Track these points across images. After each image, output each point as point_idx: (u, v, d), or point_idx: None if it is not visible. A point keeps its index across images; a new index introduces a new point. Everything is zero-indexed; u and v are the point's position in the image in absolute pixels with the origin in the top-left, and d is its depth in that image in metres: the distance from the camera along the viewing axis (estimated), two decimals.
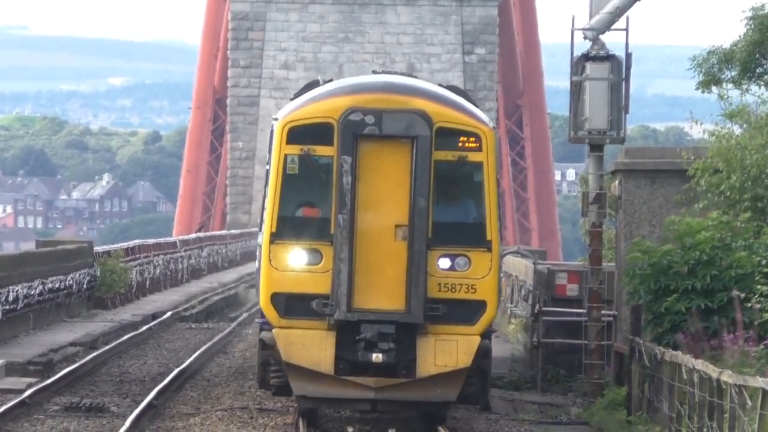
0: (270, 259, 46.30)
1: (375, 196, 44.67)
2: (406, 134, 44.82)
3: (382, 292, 44.16)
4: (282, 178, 45.06)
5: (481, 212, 45.25)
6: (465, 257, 44.86)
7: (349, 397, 45.66)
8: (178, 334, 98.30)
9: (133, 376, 74.14)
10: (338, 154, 44.82)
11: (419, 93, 47.50)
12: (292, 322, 45.72)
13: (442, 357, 44.45)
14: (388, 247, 44.59)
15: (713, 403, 52.06)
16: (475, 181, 45.38)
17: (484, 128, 46.02)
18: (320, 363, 44.95)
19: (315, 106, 46.53)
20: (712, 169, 64.33)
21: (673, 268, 60.54)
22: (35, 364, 75.26)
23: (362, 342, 44.28)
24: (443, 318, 44.65)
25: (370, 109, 44.97)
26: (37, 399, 63.71)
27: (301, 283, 45.64)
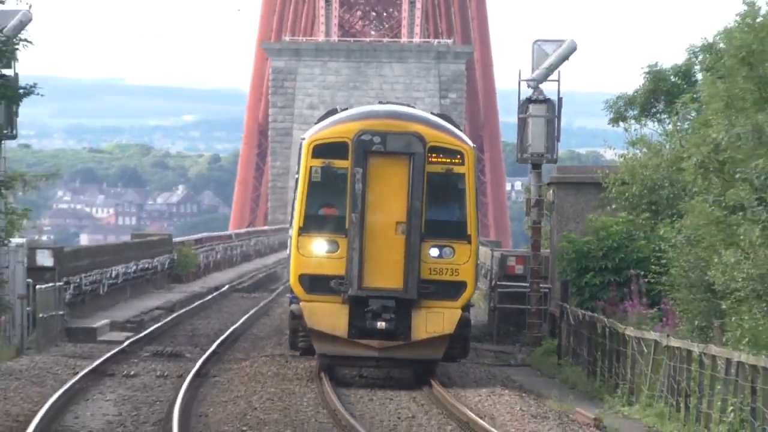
0: (298, 247, 46.61)
1: (380, 199, 45.27)
2: (405, 151, 45.52)
3: (385, 274, 44.65)
4: (308, 185, 45.44)
5: (463, 213, 45.55)
6: (450, 248, 45.10)
7: (358, 355, 46.36)
8: (233, 301, 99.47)
9: (201, 332, 75.37)
10: (352, 166, 45.48)
11: (415, 119, 48.21)
12: (315, 297, 46.17)
13: (431, 325, 44.98)
14: (390, 239, 45.15)
15: (619, 351, 53.88)
16: (459, 188, 45.81)
17: (466, 147, 46.44)
18: (336, 329, 45.69)
19: (334, 128, 47.25)
20: (620, 182, 64.68)
21: (591, 253, 62.52)
22: (131, 323, 76.80)
23: (369, 313, 44.99)
24: (432, 295, 45.20)
25: (377, 131, 45.63)
26: (132, 348, 64.63)
27: (322, 267, 46.03)
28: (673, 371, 49.27)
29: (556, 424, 43.09)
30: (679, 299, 53.86)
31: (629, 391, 53.84)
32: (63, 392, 47.73)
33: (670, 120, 71.12)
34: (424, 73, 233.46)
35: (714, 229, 49.36)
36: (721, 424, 44.73)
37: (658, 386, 51.69)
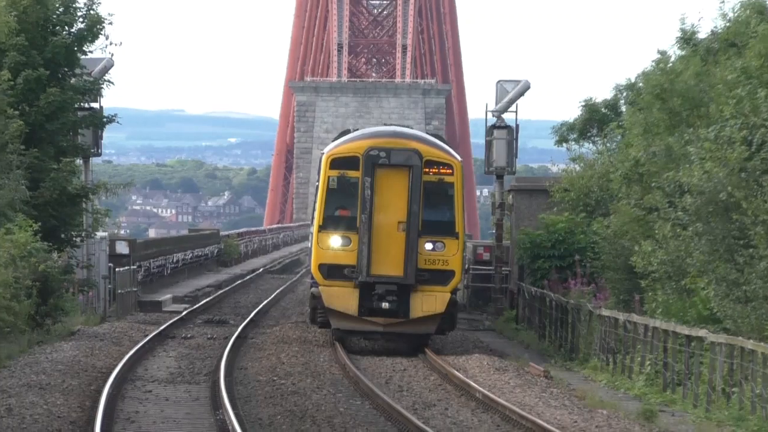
0: (318, 242, 45.76)
1: (385, 203, 44.73)
2: (406, 164, 44.89)
3: (389, 264, 44.04)
4: (326, 191, 45.04)
5: (452, 214, 44.93)
6: (441, 242, 44.47)
7: (366, 330, 46.03)
8: (266, 281, 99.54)
9: (242, 304, 75.30)
10: (362, 176, 44.86)
11: (414, 138, 47.80)
12: (331, 282, 45.54)
13: (426, 305, 44.67)
14: (393, 236, 44.43)
15: (563, 319, 54.98)
16: (449, 194, 45.16)
17: (455, 161, 45.99)
18: (349, 308, 45.16)
19: (348, 145, 46.63)
20: (563, 189, 65.81)
21: (542, 243, 63.30)
22: (188, 297, 77.45)
23: (376, 296, 44.45)
24: (427, 281, 44.69)
25: (383, 148, 45.16)
26: (189, 316, 65.00)
27: (338, 258, 45.35)
28: (604, 334, 50.65)
29: (515, 375, 43.49)
30: (608, 279, 55.36)
31: (570, 350, 55.19)
32: (136, 350, 48.50)
33: (601, 142, 73.27)
34: (413, 106, 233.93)
35: (635, 225, 51.39)
36: (640, 375, 46.10)
37: (592, 346, 52.86)
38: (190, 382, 43.37)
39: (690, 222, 45.76)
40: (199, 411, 37.52)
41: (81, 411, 35.56)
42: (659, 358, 45.58)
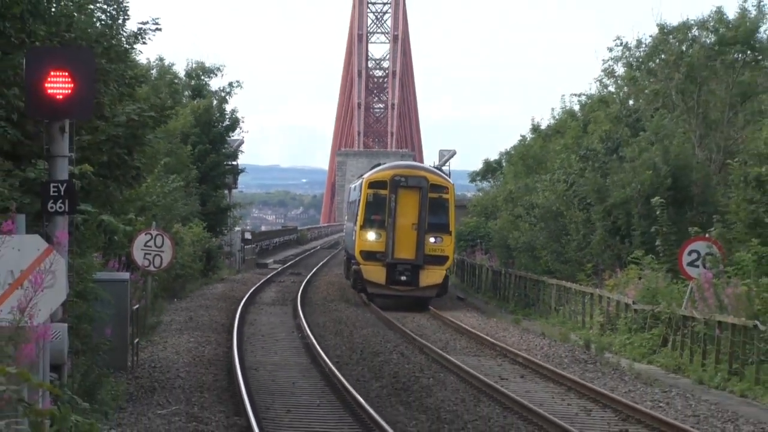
0: (360, 236, 42.28)
1: (403, 211, 41.58)
2: (418, 186, 41.82)
3: (406, 251, 41.36)
4: (366, 203, 42.10)
5: (448, 219, 42.21)
6: (440, 237, 41.78)
7: (391, 294, 42.43)
8: (321, 252, 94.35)
9: (310, 264, 72.00)
10: (389, 193, 41.73)
11: (423, 169, 45.19)
12: (368, 263, 42.01)
13: (429, 278, 41.63)
14: (409, 233, 41.51)
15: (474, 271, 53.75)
16: (446, 206, 42.15)
17: (449, 185, 43.18)
18: (379, 279, 41.75)
19: (380, 173, 43.44)
20: (473, 205, 65.29)
21: (462, 234, 58.31)
22: (281, 261, 73.83)
23: (397, 272, 41.46)
24: (430, 262, 41.56)
25: (403, 175, 42.22)
26: (281, 271, 63.04)
27: (372, 246, 41.90)
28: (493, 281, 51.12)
29: (494, 322, 38.42)
30: (497, 251, 53.72)
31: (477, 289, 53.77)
32: (254, 288, 47.69)
33: (493, 181, 71.71)
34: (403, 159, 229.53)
35: (510, 224, 50.18)
36: (512, 301, 46.25)
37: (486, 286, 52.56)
38: (282, 304, 42.38)
39: (537, 222, 46.18)
40: (286, 318, 37.50)
41: (227, 318, 35.74)
42: (522, 293, 45.60)
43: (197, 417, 18.62)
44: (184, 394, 20.89)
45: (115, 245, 24.21)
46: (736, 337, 25.44)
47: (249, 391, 20.55)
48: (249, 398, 19.62)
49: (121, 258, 24.68)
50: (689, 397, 22.96)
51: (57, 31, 16.27)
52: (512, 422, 19.60)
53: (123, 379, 20.98)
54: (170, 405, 19.61)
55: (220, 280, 52.28)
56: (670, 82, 45.65)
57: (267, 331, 32.45)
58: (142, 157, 22.22)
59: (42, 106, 12.53)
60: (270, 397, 20.96)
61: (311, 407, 20.18)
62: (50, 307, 10.02)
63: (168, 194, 38.81)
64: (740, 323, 25.28)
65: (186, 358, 26.00)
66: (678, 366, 27.66)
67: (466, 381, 24.15)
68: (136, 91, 22.95)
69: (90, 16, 19.53)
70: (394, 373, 24.74)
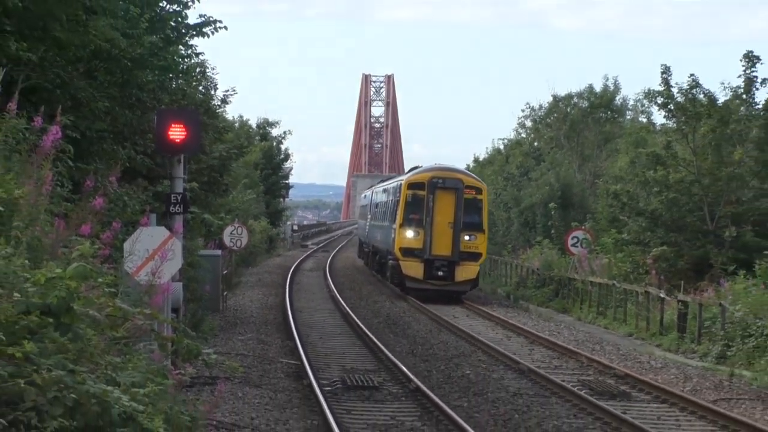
0: (399, 234, 30.43)
1: (441, 211, 29.91)
2: (454, 187, 30.00)
3: (442, 248, 29.74)
4: (405, 203, 30.36)
5: (481, 218, 30.07)
6: (474, 235, 29.86)
7: (428, 288, 29.87)
8: (342, 237, 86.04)
9: (334, 245, 66.60)
10: (427, 194, 29.90)
11: (459, 171, 32.20)
12: (407, 259, 30.04)
13: (464, 274, 29.71)
14: (445, 231, 29.79)
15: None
16: (479, 206, 30.16)
17: (483, 186, 31.34)
18: (418, 275, 29.87)
19: (418, 175, 31.42)
20: None
21: None
22: (316, 243, 70.27)
23: (434, 267, 29.84)
24: (465, 258, 29.79)
25: (440, 177, 30.38)
26: (316, 249, 59.82)
27: (411, 243, 30.10)
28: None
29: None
30: None
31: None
32: (299, 260, 45.17)
33: None
34: None
35: None
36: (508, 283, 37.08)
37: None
38: (316, 270, 40.22)
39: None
40: (319, 279, 35.65)
41: (281, 279, 34.05)
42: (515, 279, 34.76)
43: (263, 340, 18.49)
44: (255, 326, 20.69)
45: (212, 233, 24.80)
46: (601, 291, 26.12)
47: (296, 324, 20.30)
48: (296, 329, 19.43)
49: (215, 241, 24.95)
50: (572, 328, 23.08)
51: (175, 99, 16.51)
52: (461, 344, 19.53)
53: (216, 317, 20.75)
54: (246, 333, 19.49)
55: (278, 255, 51.34)
56: (559, 131, 46.78)
57: (307, 287, 31.84)
58: (228, 178, 23.64)
59: (166, 146, 12.59)
60: (309, 328, 20.69)
61: (335, 335, 19.98)
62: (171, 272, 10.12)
63: (245, 201, 39.05)
64: (603, 282, 25.84)
65: (256, 304, 25.69)
66: (564, 309, 27.97)
67: (432, 319, 24.05)
68: (225, 136, 24.39)
69: (195, 89, 19.94)
70: (387, 314, 24.46)
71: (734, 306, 17.89)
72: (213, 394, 10.27)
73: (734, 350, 17.07)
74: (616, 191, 27.79)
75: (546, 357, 17.87)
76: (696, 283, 22.53)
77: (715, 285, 21.17)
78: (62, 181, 8.68)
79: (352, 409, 12.03)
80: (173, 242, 10.28)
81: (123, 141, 13.67)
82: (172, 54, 14.18)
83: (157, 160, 15.22)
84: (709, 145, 24.77)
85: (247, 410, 11.50)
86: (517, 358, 16.84)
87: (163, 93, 14.98)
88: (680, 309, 20.00)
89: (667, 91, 25.14)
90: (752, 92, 25.02)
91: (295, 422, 11.02)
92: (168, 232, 10.49)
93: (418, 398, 12.89)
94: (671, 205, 25.04)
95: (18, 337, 4.63)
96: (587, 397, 13.10)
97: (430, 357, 17.31)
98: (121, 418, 4.85)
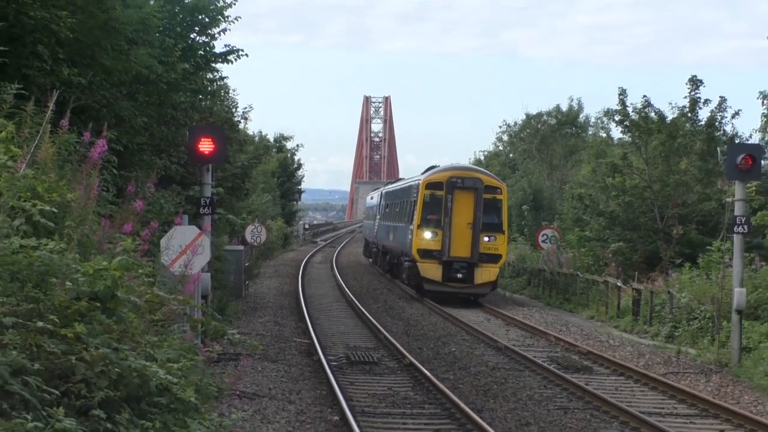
0: (416, 235, 24.84)
1: (459, 211, 24.48)
2: (473, 187, 24.56)
3: (462, 249, 24.39)
4: (423, 203, 24.93)
5: (501, 219, 24.73)
6: (494, 236, 24.45)
7: (447, 291, 24.44)
8: (347, 234, 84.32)
9: (341, 241, 65.24)
10: (445, 194, 24.55)
11: (478, 171, 26.43)
12: (425, 260, 24.56)
13: (484, 276, 24.31)
14: (464, 232, 24.39)
15: None
16: (499, 207, 24.79)
17: (503, 186, 25.68)
18: (436, 277, 24.41)
19: (436, 175, 25.53)
20: None
21: None
22: (324, 240, 66.93)
23: (453, 269, 24.40)
24: (485, 260, 24.31)
25: (459, 177, 24.84)
26: (324, 245, 56.95)
27: (429, 245, 24.56)
28: None
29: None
30: None
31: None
32: (310, 255, 44.12)
33: None
34: None
35: None
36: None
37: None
38: (325, 263, 39.49)
39: None
40: (327, 270, 35.02)
41: (295, 270, 33.54)
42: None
43: (280, 322, 18.41)
44: (272, 310, 20.52)
45: (236, 231, 24.85)
46: (567, 280, 25.75)
47: (307, 309, 20.22)
48: (307, 313, 19.40)
49: (238, 238, 25.15)
50: (542, 312, 22.77)
51: (204, 116, 16.81)
52: (448, 326, 19.32)
53: (239, 303, 20.45)
54: (265, 316, 19.36)
55: (292, 250, 50.41)
56: (531, 144, 47.57)
57: (316, 277, 31.50)
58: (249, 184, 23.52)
59: (196, 157, 12.56)
60: (318, 312, 20.55)
61: (341, 318, 19.82)
62: (201, 264, 10.13)
63: (263, 204, 39.11)
64: (569, 273, 25.67)
65: (273, 291, 25.42)
66: (536, 296, 27.43)
67: (424, 305, 23.81)
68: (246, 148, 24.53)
69: (221, 108, 20.34)
70: (385, 300, 24.14)
71: (680, 293, 18.09)
72: (236, 368, 10.48)
73: (681, 331, 17.19)
74: (579, 195, 27.83)
75: (520, 336, 17.90)
76: (648, 273, 22.79)
77: (664, 275, 21.40)
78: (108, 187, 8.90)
79: (355, 381, 12.13)
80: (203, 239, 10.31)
81: (159, 153, 13.97)
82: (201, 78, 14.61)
83: (188, 168, 15.32)
84: (659, 156, 25.15)
85: (266, 382, 11.66)
86: (495, 338, 16.93)
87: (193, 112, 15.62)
88: (634, 296, 20.21)
89: (623, 110, 25.50)
90: (696, 111, 25.48)
91: (307, 392, 11.16)
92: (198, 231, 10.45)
93: (412, 372, 12.96)
94: (627, 207, 25.38)
95: (70, 320, 4.73)
96: (555, 371, 13.20)
97: (421, 336, 17.28)
98: (158, 388, 4.95)
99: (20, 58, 8.76)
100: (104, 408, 4.49)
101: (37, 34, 8.95)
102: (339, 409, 9.96)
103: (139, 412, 4.79)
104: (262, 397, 10.53)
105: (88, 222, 6.63)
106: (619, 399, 11.46)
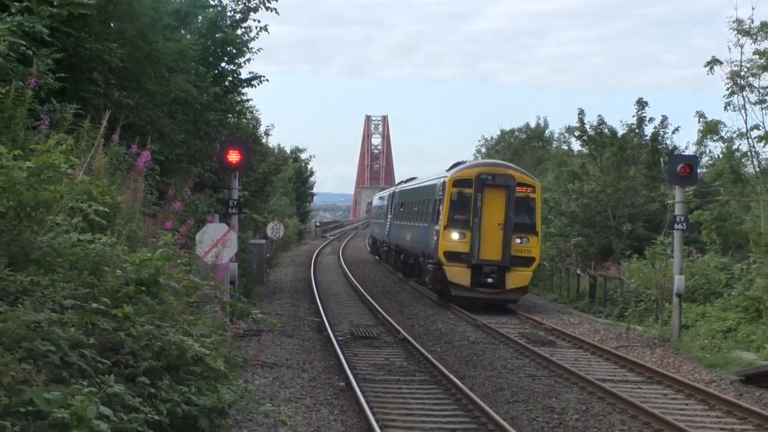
0: (443, 236, 18.84)
1: (490, 211, 18.73)
2: (505, 184, 18.73)
3: (492, 252, 18.66)
4: (450, 202, 18.97)
5: (534, 219, 18.90)
6: (527, 238, 18.72)
7: (475, 296, 18.60)
8: (354, 231, 74.61)
9: (348, 235, 62.81)
10: (474, 192, 18.71)
11: (510, 167, 19.80)
12: (452, 264, 18.67)
13: (516, 281, 18.68)
14: (494, 233, 18.65)
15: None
16: (532, 206, 18.93)
17: (537, 183, 19.48)
18: (464, 282, 18.61)
19: (464, 171, 19.30)
20: None
21: None
22: (333, 235, 64.50)
23: (482, 274, 18.68)
24: (517, 264, 18.65)
25: (489, 173, 18.93)
26: (333, 239, 53.39)
27: (456, 247, 18.70)
28: None
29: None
30: None
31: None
32: (321, 247, 42.98)
33: None
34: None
35: None
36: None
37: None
38: (333, 254, 38.77)
39: None
40: (335, 259, 34.52)
41: (308, 260, 32.81)
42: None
43: (295, 304, 18.24)
44: (289, 294, 20.32)
45: (258, 228, 24.82)
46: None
47: (318, 293, 20.05)
48: (318, 296, 19.31)
49: (261, 233, 25.03)
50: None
51: (232, 132, 16.87)
52: (436, 307, 18.90)
53: (261, 287, 20.19)
54: (283, 299, 19.21)
55: (305, 244, 48.77)
56: (505, 156, 46.79)
57: (326, 266, 31.00)
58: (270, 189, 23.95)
59: (226, 166, 12.67)
60: (328, 296, 20.28)
61: (347, 300, 19.59)
62: (229, 255, 10.23)
63: (282, 205, 39.30)
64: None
65: (290, 278, 25.14)
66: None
67: (415, 289, 22.67)
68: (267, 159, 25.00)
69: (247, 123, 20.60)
70: (383, 286, 23.67)
71: (630, 280, 18.22)
72: (259, 342, 10.42)
73: (630, 311, 17.19)
74: (545, 198, 28.34)
75: (495, 315, 17.75)
76: (603, 263, 22.85)
77: (616, 264, 21.55)
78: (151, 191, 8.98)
79: (358, 353, 12.22)
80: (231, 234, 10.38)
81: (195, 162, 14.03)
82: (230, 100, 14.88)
83: (219, 175, 15.42)
84: (611, 165, 25.33)
85: (283, 354, 11.79)
86: (474, 317, 16.79)
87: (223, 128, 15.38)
88: (591, 282, 20.18)
89: (582, 126, 25.76)
90: (642, 127, 25.75)
91: (318, 362, 11.29)
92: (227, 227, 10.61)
93: (405, 345, 13.04)
94: (585, 208, 25.64)
95: (120, 302, 4.83)
96: (525, 344, 13.29)
97: (413, 315, 17.15)
98: (193, 359, 5.03)
99: (78, 83, 9.10)
100: (148, 375, 4.58)
101: (92, 63, 9.31)
102: (344, 376, 10.20)
103: (178, 379, 4.90)
104: (281, 366, 10.71)
105: (135, 220, 6.77)
106: (578, 368, 11.57)
